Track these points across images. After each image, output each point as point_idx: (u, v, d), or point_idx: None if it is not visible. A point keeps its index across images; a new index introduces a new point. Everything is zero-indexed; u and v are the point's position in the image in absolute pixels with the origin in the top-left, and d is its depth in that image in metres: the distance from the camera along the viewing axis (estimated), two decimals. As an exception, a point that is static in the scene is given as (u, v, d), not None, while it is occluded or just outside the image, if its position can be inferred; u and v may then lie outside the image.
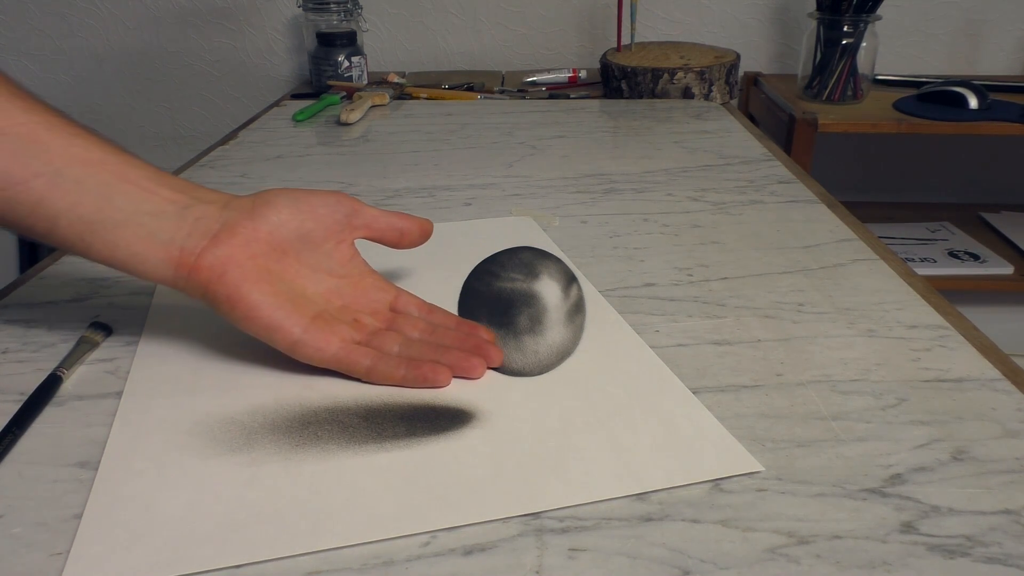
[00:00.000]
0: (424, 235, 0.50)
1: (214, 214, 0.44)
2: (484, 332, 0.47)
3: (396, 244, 0.49)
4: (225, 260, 0.42)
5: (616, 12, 1.24)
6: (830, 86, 1.20)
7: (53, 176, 0.42)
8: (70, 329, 0.50)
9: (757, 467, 0.37)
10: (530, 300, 0.52)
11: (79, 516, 0.34)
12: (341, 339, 0.43)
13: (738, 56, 1.17)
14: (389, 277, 0.55)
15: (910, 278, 0.56)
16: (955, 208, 1.45)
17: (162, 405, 0.42)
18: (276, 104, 1.13)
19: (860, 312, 0.51)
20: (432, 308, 0.49)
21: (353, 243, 0.48)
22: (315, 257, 0.46)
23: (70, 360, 0.45)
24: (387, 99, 1.08)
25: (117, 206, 0.42)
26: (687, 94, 1.11)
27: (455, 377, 0.44)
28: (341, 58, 1.21)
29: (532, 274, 0.54)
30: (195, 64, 1.48)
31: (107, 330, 0.49)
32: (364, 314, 0.47)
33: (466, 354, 0.44)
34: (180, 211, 0.43)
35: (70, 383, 0.44)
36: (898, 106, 1.19)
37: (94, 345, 0.48)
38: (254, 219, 0.44)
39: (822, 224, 0.66)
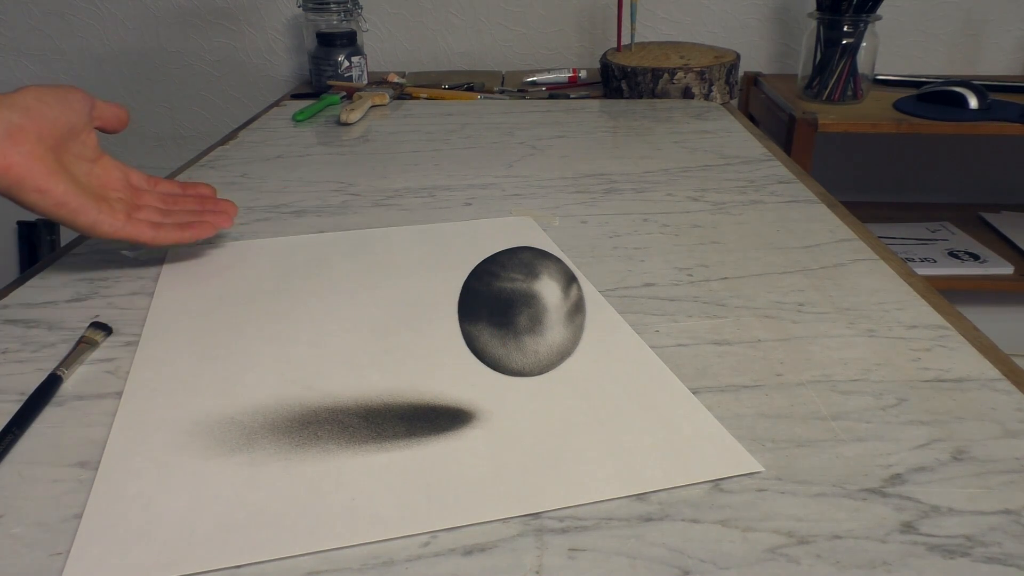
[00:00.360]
0: (126, 121, 0.59)
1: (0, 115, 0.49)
2: (206, 189, 0.62)
3: (115, 130, 0.58)
4: (28, 157, 0.49)
5: (616, 12, 1.24)
6: (830, 86, 1.20)
7: None
8: (70, 329, 0.50)
9: (757, 467, 0.37)
10: (530, 300, 0.52)
11: (79, 516, 0.34)
12: (123, 214, 0.54)
13: (738, 56, 1.17)
14: (387, 275, 0.55)
15: (910, 278, 0.56)
16: (955, 208, 1.45)
17: (162, 405, 0.42)
18: (276, 104, 1.13)
19: (860, 312, 0.51)
20: (157, 180, 0.60)
21: (95, 131, 0.56)
22: (76, 146, 0.54)
23: (70, 360, 0.45)
24: (387, 99, 1.08)
25: None
26: (687, 94, 1.11)
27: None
28: (341, 58, 1.21)
29: (532, 274, 0.54)
30: (195, 64, 1.48)
31: (107, 330, 0.49)
32: (118, 191, 0.56)
33: (214, 212, 0.59)
34: None
35: (70, 383, 0.44)
36: (898, 106, 1.19)
37: (94, 345, 0.48)
38: (35, 117, 0.50)
39: (822, 224, 0.66)
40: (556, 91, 1.23)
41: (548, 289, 0.53)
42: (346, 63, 1.21)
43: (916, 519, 0.34)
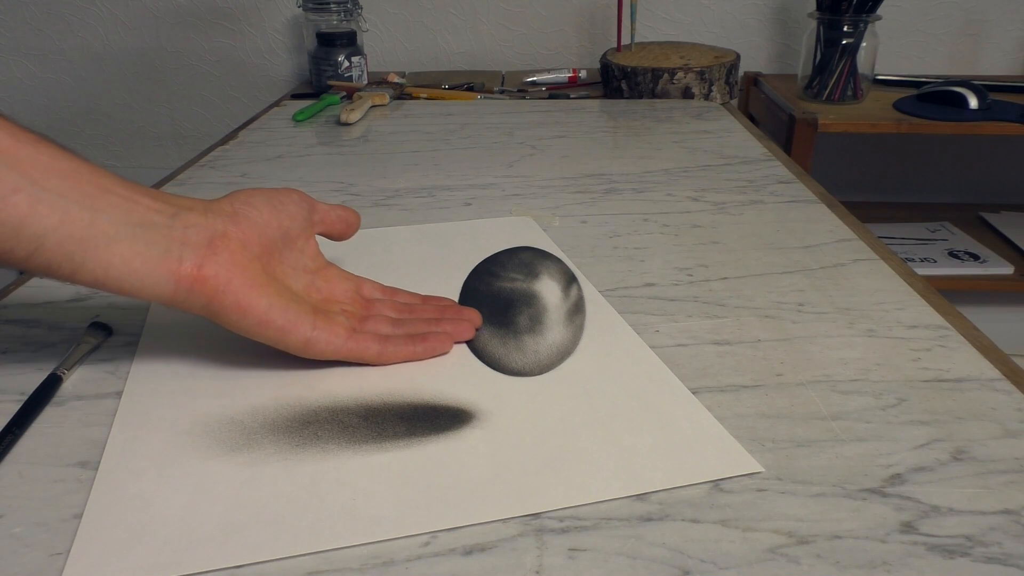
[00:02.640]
0: (356, 226, 0.51)
1: (201, 221, 0.42)
2: (451, 302, 0.52)
3: (342, 236, 0.51)
4: (228, 268, 0.41)
5: (616, 12, 1.24)
6: (830, 86, 1.20)
7: (33, 190, 0.37)
8: (70, 329, 0.50)
9: (757, 467, 0.37)
10: (530, 300, 0.52)
11: (79, 516, 0.34)
12: (345, 329, 0.44)
13: (738, 56, 1.17)
14: (387, 275, 0.55)
15: (910, 278, 0.56)
16: (955, 208, 1.45)
17: (162, 405, 0.42)
18: (276, 104, 1.13)
19: (860, 312, 0.51)
20: (394, 291, 0.51)
21: (315, 237, 0.49)
22: (293, 255, 0.46)
23: (70, 360, 0.45)
24: (387, 99, 1.08)
25: (106, 220, 0.39)
26: (687, 94, 1.11)
27: (455, 343, 0.48)
28: (341, 58, 1.21)
29: (532, 274, 0.54)
30: (195, 64, 1.48)
31: (107, 330, 0.49)
32: (344, 304, 0.48)
33: (453, 321, 0.48)
34: (168, 221, 0.41)
35: (70, 383, 0.44)
36: (898, 106, 1.19)
37: (94, 345, 0.48)
38: (240, 223, 0.43)
39: (822, 224, 0.66)
40: (556, 91, 1.23)
41: (548, 289, 0.53)
42: (346, 63, 1.21)
43: (916, 519, 0.34)
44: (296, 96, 1.22)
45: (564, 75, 1.29)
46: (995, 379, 0.44)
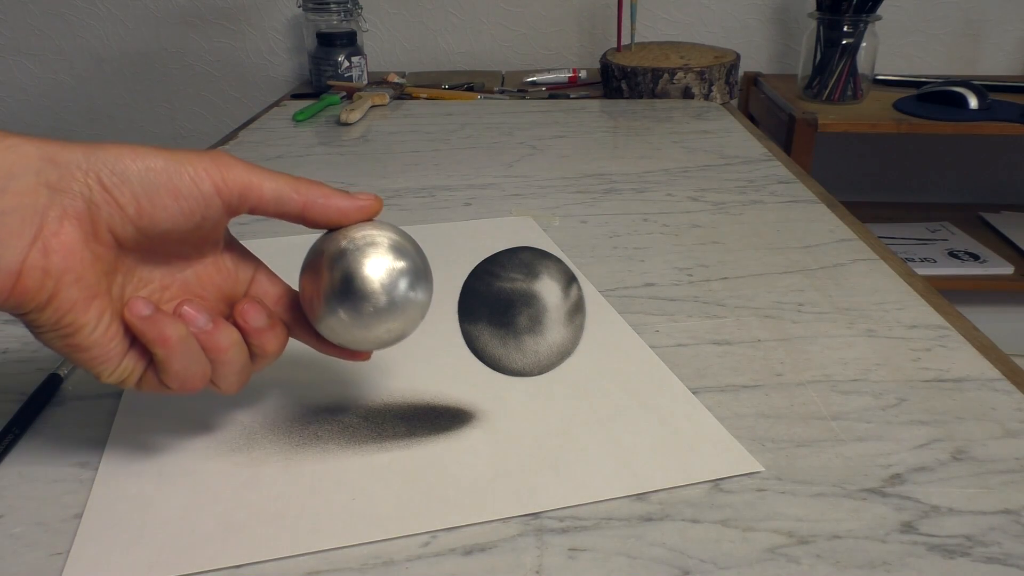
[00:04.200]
0: (337, 209, 0.35)
1: (29, 202, 0.29)
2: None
3: (319, 221, 0.36)
4: (61, 271, 0.30)
5: (616, 12, 1.24)
6: (830, 86, 1.20)
7: None
8: (70, 329, 0.50)
9: (757, 467, 0.37)
10: (530, 300, 0.52)
11: (79, 516, 0.34)
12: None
13: (738, 56, 1.17)
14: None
15: (910, 278, 0.56)
16: (955, 208, 1.45)
17: (162, 405, 0.42)
18: (276, 104, 1.13)
19: (860, 312, 0.51)
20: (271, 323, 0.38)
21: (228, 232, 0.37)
22: (166, 266, 0.35)
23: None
24: (387, 99, 1.08)
25: None
26: (687, 94, 1.11)
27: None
28: (341, 58, 1.21)
29: (532, 274, 0.54)
30: (195, 64, 1.48)
31: (107, 330, 0.49)
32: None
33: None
34: None
35: (70, 383, 0.44)
36: (898, 106, 1.19)
37: (94, 345, 0.48)
38: (92, 209, 0.31)
39: (822, 224, 0.66)
40: (556, 91, 1.23)
41: (548, 289, 0.53)
42: (346, 63, 1.21)
43: (916, 519, 0.34)
44: (296, 96, 1.22)
45: (564, 75, 1.29)
46: (995, 379, 0.44)
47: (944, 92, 1.19)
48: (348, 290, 0.33)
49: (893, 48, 1.41)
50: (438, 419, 0.41)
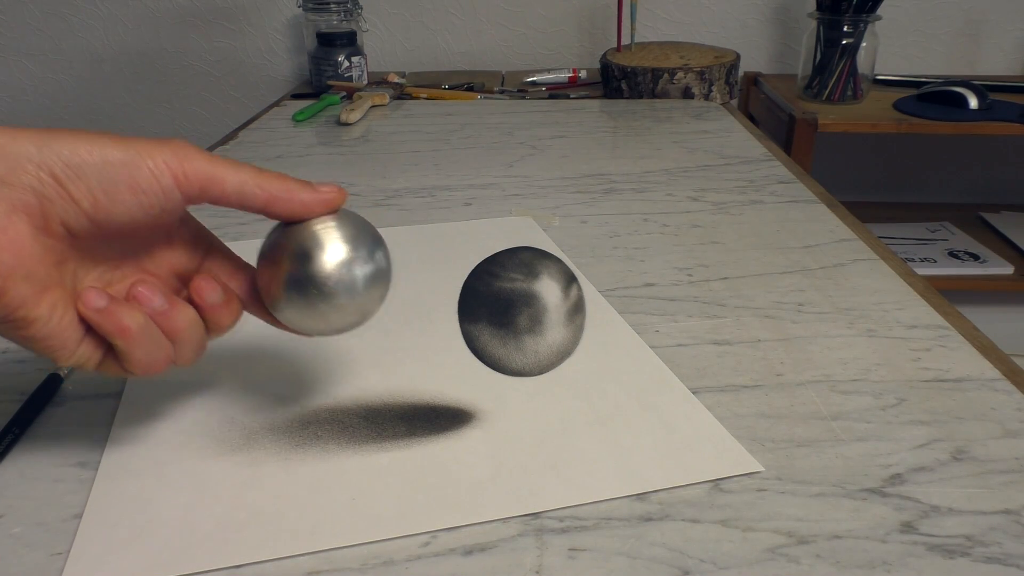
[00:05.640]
0: (295, 200, 0.34)
1: None
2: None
3: (281, 213, 0.35)
4: (10, 268, 0.29)
5: (616, 12, 1.24)
6: (830, 86, 1.20)
7: None
8: (70, 329, 0.50)
9: (757, 467, 0.37)
10: (530, 300, 0.52)
11: (79, 516, 0.34)
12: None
13: (738, 56, 1.17)
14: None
15: (910, 278, 0.56)
16: (955, 208, 1.45)
17: (162, 405, 0.42)
18: (276, 104, 1.13)
19: (860, 312, 0.51)
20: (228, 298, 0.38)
21: (189, 224, 0.37)
22: (122, 262, 0.35)
23: (70, 360, 0.45)
24: (387, 99, 1.08)
25: None
26: (687, 94, 1.11)
27: None
28: (341, 58, 1.21)
29: (532, 274, 0.54)
30: (195, 64, 1.48)
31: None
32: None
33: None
34: None
35: (70, 383, 0.44)
36: (898, 106, 1.19)
37: (94, 345, 0.48)
38: (45, 204, 0.30)
39: (822, 224, 0.66)
40: (556, 91, 1.23)
41: (548, 289, 0.53)
42: (346, 63, 1.21)
43: (916, 519, 0.34)
44: (296, 96, 1.22)
45: (564, 75, 1.29)
46: (995, 379, 0.44)
47: (944, 92, 1.19)
48: (304, 282, 0.34)
49: (893, 48, 1.41)
50: (438, 419, 0.41)
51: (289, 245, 0.34)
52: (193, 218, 0.37)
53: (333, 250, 0.34)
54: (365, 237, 0.35)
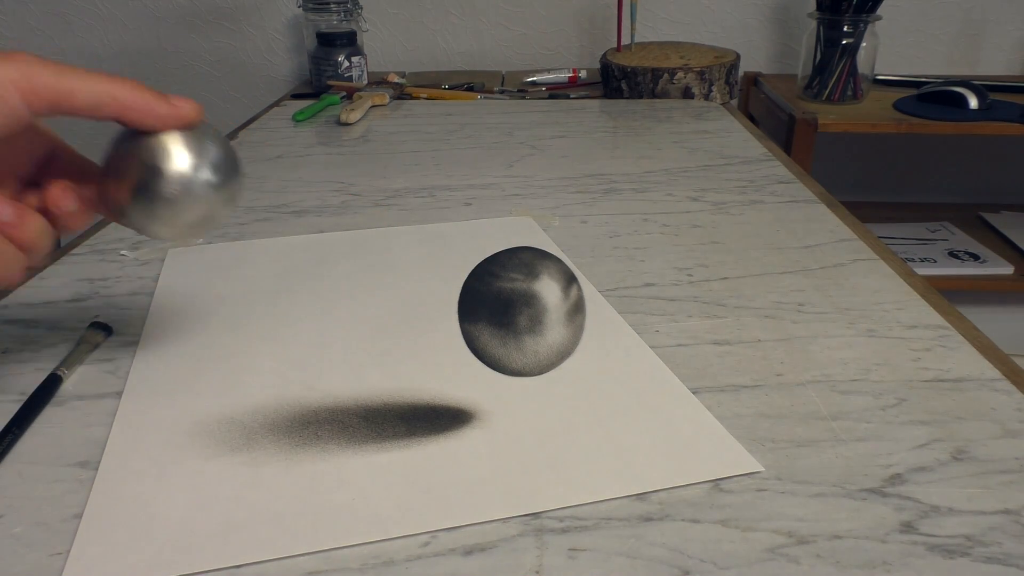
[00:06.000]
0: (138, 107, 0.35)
1: None
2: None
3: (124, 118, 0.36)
4: None
5: (616, 12, 1.24)
6: (830, 86, 1.20)
7: None
8: (70, 329, 0.50)
9: (757, 467, 0.37)
10: (530, 300, 0.52)
11: (79, 516, 0.34)
12: None
13: (738, 56, 1.17)
14: (386, 276, 0.55)
15: (910, 278, 0.56)
16: (955, 208, 1.45)
17: (162, 405, 0.42)
18: (276, 104, 1.13)
19: (860, 312, 0.51)
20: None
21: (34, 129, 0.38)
22: None
23: (70, 360, 0.45)
24: (387, 99, 1.08)
25: None
26: (687, 94, 1.11)
27: None
28: (341, 58, 1.21)
29: (532, 274, 0.54)
30: (195, 64, 1.48)
31: (107, 330, 0.49)
32: None
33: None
34: None
35: (70, 383, 0.44)
36: (898, 106, 1.19)
37: (94, 345, 0.48)
38: None
39: (822, 224, 0.66)
40: (556, 91, 1.23)
41: (548, 289, 0.53)
42: (346, 63, 1.21)
43: (916, 519, 0.34)
44: (296, 96, 1.22)
45: (564, 75, 1.29)
46: (995, 379, 0.44)
47: (944, 92, 1.19)
48: (151, 190, 0.35)
49: (893, 48, 1.41)
50: (438, 419, 0.41)
51: (137, 155, 0.36)
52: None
53: (179, 159, 0.36)
54: (209, 144, 0.37)
